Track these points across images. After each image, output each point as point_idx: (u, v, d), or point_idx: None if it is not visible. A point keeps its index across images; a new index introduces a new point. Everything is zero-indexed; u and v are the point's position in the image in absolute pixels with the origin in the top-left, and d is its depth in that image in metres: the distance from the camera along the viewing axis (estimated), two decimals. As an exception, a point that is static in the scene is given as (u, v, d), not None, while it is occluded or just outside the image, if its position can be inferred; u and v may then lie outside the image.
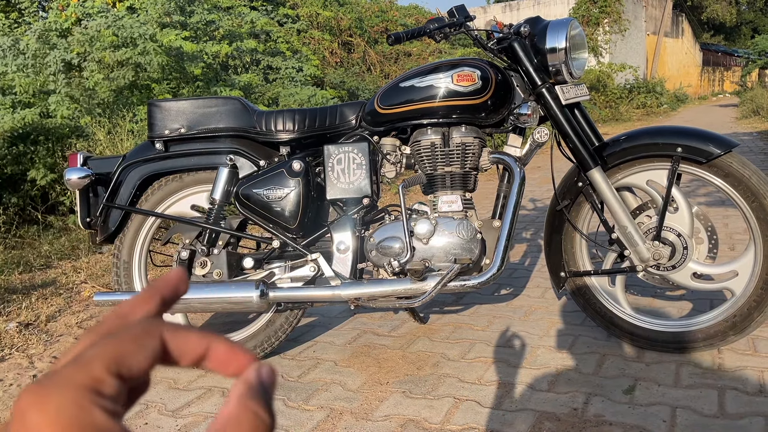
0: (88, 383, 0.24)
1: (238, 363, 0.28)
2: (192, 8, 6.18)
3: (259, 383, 0.27)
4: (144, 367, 0.26)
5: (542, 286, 2.86)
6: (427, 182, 2.09)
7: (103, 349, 0.25)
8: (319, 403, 1.88)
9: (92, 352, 0.25)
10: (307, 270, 2.09)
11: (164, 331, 0.27)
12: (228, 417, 0.25)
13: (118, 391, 0.25)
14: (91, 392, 0.24)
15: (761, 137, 8.97)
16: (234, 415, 0.25)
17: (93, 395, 0.24)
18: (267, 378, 0.27)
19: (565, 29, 1.98)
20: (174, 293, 0.30)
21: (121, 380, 0.25)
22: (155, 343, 0.26)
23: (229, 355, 0.28)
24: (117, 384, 0.25)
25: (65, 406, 0.23)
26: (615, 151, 2.03)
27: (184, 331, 0.27)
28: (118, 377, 0.25)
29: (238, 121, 2.18)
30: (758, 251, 1.92)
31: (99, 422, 0.23)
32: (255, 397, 0.26)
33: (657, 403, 1.75)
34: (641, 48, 21.08)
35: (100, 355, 0.25)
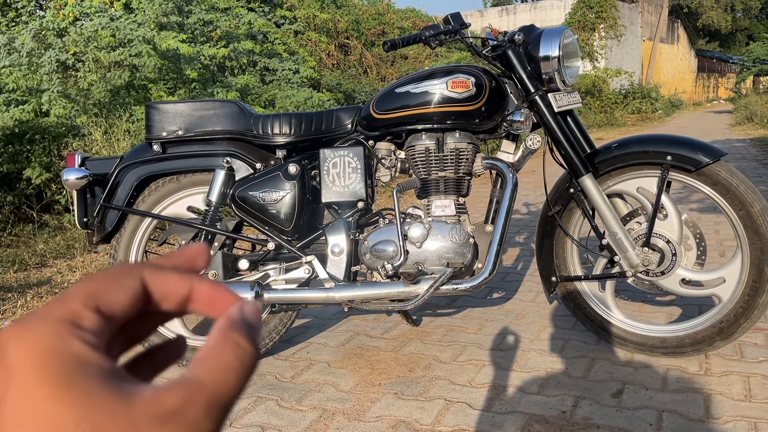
0: (67, 316, 0.24)
1: (223, 303, 0.28)
2: (189, 8, 6.20)
3: (242, 318, 0.27)
4: (123, 305, 0.26)
5: (534, 290, 2.89)
6: (421, 187, 2.11)
7: (81, 286, 0.26)
8: (312, 404, 1.91)
9: (70, 290, 0.26)
10: (301, 272, 2.11)
11: (144, 272, 0.27)
12: (209, 348, 0.25)
13: (99, 326, 0.25)
14: (69, 324, 0.24)
15: (755, 144, 9.04)
16: (215, 346, 0.25)
17: (71, 327, 0.24)
18: (250, 313, 0.27)
19: (558, 38, 2.01)
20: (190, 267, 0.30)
21: (100, 316, 0.25)
22: (134, 282, 0.27)
23: (214, 296, 0.28)
24: (96, 319, 0.25)
25: (44, 337, 0.23)
26: (606, 158, 2.07)
27: (165, 272, 0.27)
28: (97, 313, 0.25)
29: (235, 124, 2.20)
30: (745, 259, 1.95)
31: (77, 351, 0.23)
32: (237, 329, 0.26)
33: (644, 406, 1.78)
34: (637, 53, 21.19)
35: (78, 292, 0.25)
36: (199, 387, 0.24)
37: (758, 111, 13.04)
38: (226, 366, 0.24)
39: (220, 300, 0.28)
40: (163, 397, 0.23)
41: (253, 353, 0.25)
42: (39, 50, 5.33)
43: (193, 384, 0.24)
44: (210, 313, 0.28)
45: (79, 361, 0.23)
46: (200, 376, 0.24)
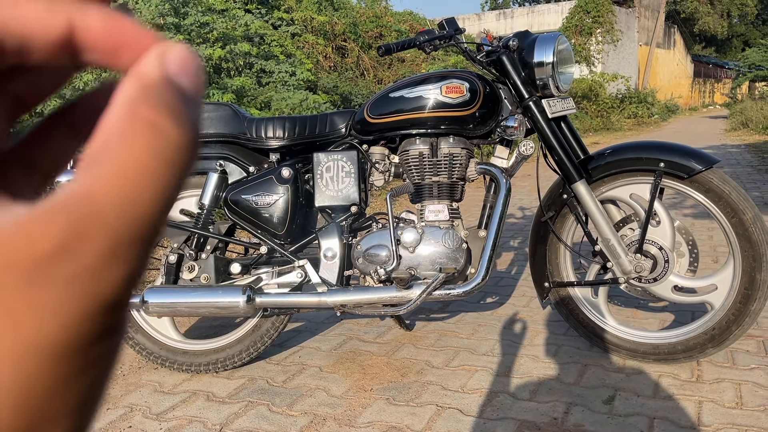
0: None
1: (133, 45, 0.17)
2: (186, 10, 6.19)
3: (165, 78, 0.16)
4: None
5: (527, 296, 2.89)
6: (415, 191, 2.11)
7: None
8: (303, 409, 1.90)
9: None
10: (294, 276, 2.11)
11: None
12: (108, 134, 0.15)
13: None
14: None
15: (749, 150, 9.07)
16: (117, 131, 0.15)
17: None
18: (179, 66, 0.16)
19: (553, 44, 2.01)
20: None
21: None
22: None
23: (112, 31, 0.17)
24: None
25: None
26: (599, 164, 2.07)
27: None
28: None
29: (229, 127, 2.20)
30: (737, 266, 1.96)
31: None
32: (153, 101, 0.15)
33: (636, 413, 1.78)
34: (633, 58, 21.26)
35: None
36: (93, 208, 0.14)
37: (753, 117, 13.08)
38: (136, 166, 0.15)
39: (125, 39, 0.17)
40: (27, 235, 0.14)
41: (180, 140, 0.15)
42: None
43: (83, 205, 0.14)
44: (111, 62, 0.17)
45: None
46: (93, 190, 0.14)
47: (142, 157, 0.15)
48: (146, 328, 2.23)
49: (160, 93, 0.16)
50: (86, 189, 0.14)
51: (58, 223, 0.14)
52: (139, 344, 2.23)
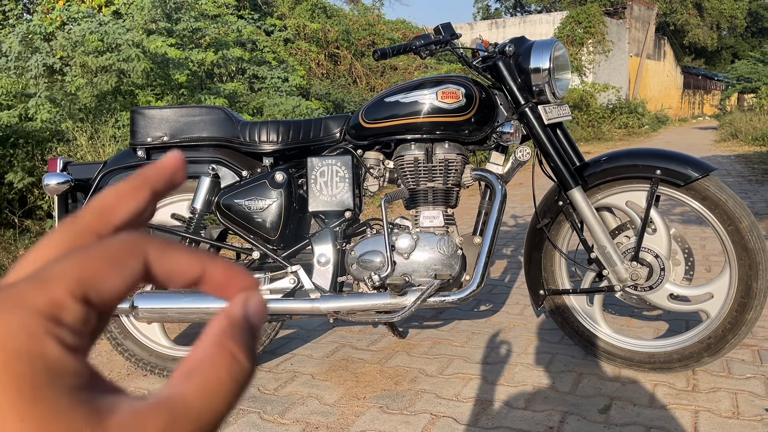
0: (46, 308, 0.19)
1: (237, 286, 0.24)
2: (178, 15, 6.17)
3: (245, 320, 0.22)
4: (119, 293, 0.21)
5: (521, 303, 2.87)
6: (410, 197, 2.09)
7: (70, 266, 0.20)
8: (295, 417, 1.87)
9: (56, 268, 0.20)
10: (287, 282, 2.08)
11: (149, 251, 0.22)
12: (201, 357, 0.21)
13: (82, 321, 0.20)
14: (47, 319, 0.19)
15: (739, 160, 9.13)
16: (208, 356, 0.21)
17: (49, 323, 0.19)
18: (255, 313, 0.23)
19: (549, 50, 2.00)
20: (169, 183, 0.25)
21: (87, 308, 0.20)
22: (137, 264, 0.22)
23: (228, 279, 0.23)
24: (81, 311, 0.20)
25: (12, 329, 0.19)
26: (595, 171, 2.06)
27: (174, 252, 0.23)
28: (85, 303, 0.20)
29: (222, 130, 2.17)
30: (733, 274, 1.95)
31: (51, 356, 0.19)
32: (236, 337, 0.21)
33: (632, 423, 1.76)
34: (624, 69, 21.40)
35: (65, 274, 0.20)
36: (185, 409, 0.20)
37: (742, 128, 13.19)
38: (218, 384, 0.20)
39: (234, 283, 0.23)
40: (142, 420, 0.19)
41: (249, 370, 0.21)
42: (26, 54, 5.27)
43: (179, 405, 0.20)
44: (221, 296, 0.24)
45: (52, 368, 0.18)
46: (187, 396, 0.20)
47: (224, 378, 0.20)
48: (135, 334, 2.20)
49: (241, 331, 0.22)
50: (182, 393, 0.20)
51: (163, 417, 0.19)
52: (128, 351, 2.19)
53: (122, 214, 0.24)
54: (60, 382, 0.19)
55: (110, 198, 0.24)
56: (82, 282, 0.20)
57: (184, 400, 0.20)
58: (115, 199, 0.24)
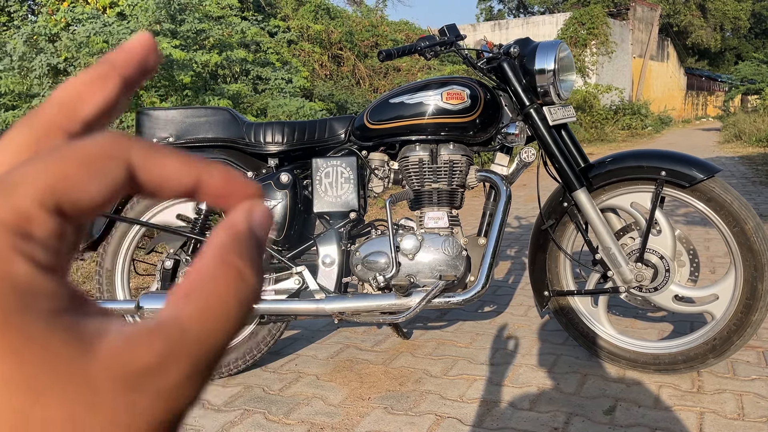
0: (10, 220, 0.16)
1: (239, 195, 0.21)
2: (182, 17, 6.18)
3: (250, 232, 0.20)
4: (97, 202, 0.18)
5: (525, 305, 2.87)
6: (414, 198, 2.10)
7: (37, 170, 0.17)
8: (300, 418, 1.87)
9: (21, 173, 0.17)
10: (291, 283, 2.08)
11: (133, 154, 0.19)
12: (202, 275, 0.18)
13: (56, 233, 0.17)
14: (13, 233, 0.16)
15: (743, 162, 9.11)
16: (209, 274, 0.18)
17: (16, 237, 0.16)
18: (260, 224, 0.20)
19: (554, 51, 2.01)
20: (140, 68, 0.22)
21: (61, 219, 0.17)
22: (118, 169, 0.18)
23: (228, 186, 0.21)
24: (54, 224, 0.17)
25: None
26: (600, 172, 2.06)
27: (163, 156, 0.20)
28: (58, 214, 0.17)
29: (227, 131, 2.18)
30: (738, 276, 1.94)
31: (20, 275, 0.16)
32: (241, 252, 0.19)
33: (637, 424, 1.76)
34: (627, 70, 21.38)
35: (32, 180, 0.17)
36: (184, 336, 0.17)
37: (746, 129, 13.16)
38: (222, 305, 0.18)
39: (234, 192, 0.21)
40: (134, 349, 0.16)
41: (256, 287, 0.19)
42: (30, 55, 5.28)
43: (177, 331, 0.17)
44: (221, 206, 0.21)
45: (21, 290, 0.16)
46: (186, 320, 0.17)
47: (228, 298, 0.18)
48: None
49: (246, 245, 0.19)
50: (180, 317, 0.17)
51: (157, 343, 0.17)
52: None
53: (90, 106, 0.20)
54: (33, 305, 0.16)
55: (74, 88, 0.21)
56: (53, 189, 0.17)
57: (182, 323, 0.17)
58: (80, 90, 0.21)
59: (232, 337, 0.18)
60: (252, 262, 0.19)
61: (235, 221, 0.20)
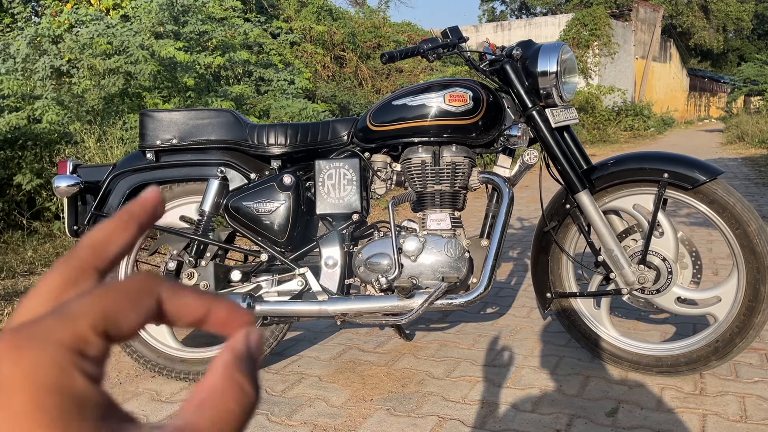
0: (72, 342, 0.21)
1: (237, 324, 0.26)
2: (185, 19, 6.19)
3: (247, 352, 0.24)
4: (134, 328, 0.23)
5: (528, 306, 2.87)
6: (417, 200, 2.10)
7: (92, 302, 0.22)
8: (303, 419, 1.87)
9: (79, 305, 0.22)
10: (294, 284, 2.09)
11: (162, 291, 0.24)
12: (211, 389, 0.23)
13: (103, 353, 0.22)
14: (73, 352, 0.21)
15: (745, 163, 9.10)
16: (218, 388, 0.23)
17: (75, 356, 0.21)
18: (255, 346, 0.25)
19: (557, 53, 2.01)
20: (151, 217, 0.27)
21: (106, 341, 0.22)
22: (151, 302, 0.24)
23: (230, 317, 0.26)
24: (102, 345, 0.22)
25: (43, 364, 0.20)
26: (603, 174, 2.06)
27: (184, 293, 0.25)
28: (105, 337, 0.22)
29: (230, 133, 2.18)
30: (741, 278, 1.94)
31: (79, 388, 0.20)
32: (241, 369, 0.23)
33: (639, 426, 1.76)
34: (630, 71, 21.36)
35: (89, 310, 0.22)
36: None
37: (749, 130, 13.14)
38: (228, 414, 0.22)
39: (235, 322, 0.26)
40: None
41: (255, 399, 0.23)
42: (33, 56, 5.30)
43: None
44: (223, 332, 0.26)
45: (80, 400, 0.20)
46: (201, 425, 0.21)
47: (233, 408, 0.22)
48: (143, 335, 2.21)
49: (245, 363, 0.24)
50: (197, 424, 0.21)
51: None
52: (136, 352, 2.20)
53: (115, 248, 0.26)
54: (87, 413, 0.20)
55: (103, 234, 0.26)
56: (104, 318, 0.22)
57: (199, 429, 0.21)
58: (107, 235, 0.26)
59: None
60: (250, 377, 0.23)
61: (236, 344, 0.24)
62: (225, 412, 0.22)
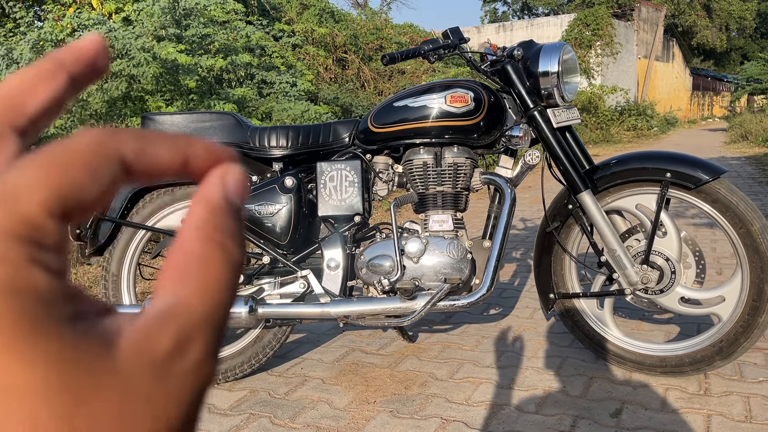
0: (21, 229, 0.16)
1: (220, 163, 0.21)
2: (188, 22, 6.20)
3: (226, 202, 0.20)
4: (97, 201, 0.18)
5: (531, 307, 2.87)
6: (419, 201, 2.10)
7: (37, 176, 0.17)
8: (306, 421, 1.87)
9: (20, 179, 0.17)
10: (296, 286, 2.08)
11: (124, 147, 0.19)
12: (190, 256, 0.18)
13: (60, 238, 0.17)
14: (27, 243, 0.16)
15: (749, 162, 9.07)
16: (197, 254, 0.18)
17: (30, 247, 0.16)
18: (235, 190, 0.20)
19: (558, 53, 2.00)
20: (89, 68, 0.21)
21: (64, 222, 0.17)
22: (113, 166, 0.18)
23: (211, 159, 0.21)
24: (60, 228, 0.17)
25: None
26: (605, 174, 2.05)
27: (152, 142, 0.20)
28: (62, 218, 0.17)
29: (232, 136, 2.18)
30: (745, 277, 1.94)
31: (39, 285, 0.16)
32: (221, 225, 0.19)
33: (643, 427, 1.75)
34: (632, 71, 21.33)
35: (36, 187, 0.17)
36: (191, 316, 0.18)
37: (753, 129, 13.09)
38: (215, 282, 0.18)
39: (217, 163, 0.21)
40: (151, 338, 0.17)
41: (240, 256, 0.19)
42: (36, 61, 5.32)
43: (184, 313, 0.18)
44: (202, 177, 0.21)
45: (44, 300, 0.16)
46: (189, 301, 0.18)
47: (220, 274, 0.19)
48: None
49: (225, 217, 0.19)
50: (185, 300, 0.18)
51: (171, 328, 0.17)
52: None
53: (37, 102, 0.20)
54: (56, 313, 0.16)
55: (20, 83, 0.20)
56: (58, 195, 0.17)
57: (187, 306, 0.18)
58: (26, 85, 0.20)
59: (230, 306, 0.19)
60: (232, 233, 0.19)
61: (210, 192, 0.20)
62: (211, 279, 0.18)
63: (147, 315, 0.18)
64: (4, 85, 0.20)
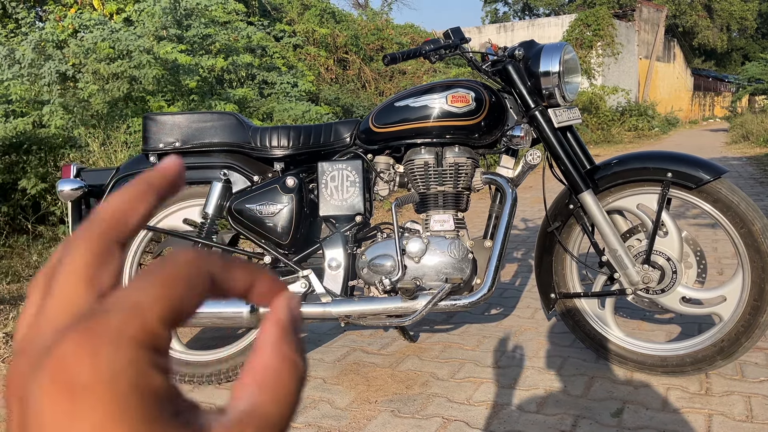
0: (144, 338, 0.20)
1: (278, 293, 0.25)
2: (189, 22, 6.21)
3: (292, 322, 0.24)
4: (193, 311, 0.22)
5: (532, 307, 2.87)
6: (420, 201, 2.10)
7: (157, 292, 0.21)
8: (307, 421, 1.87)
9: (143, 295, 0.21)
10: (298, 286, 2.09)
11: (212, 267, 0.23)
12: (266, 368, 0.22)
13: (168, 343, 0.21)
14: (146, 349, 0.20)
15: (750, 162, 9.07)
16: (272, 366, 0.22)
17: (149, 352, 0.20)
18: (297, 314, 0.24)
19: (559, 53, 2.01)
20: (170, 187, 0.25)
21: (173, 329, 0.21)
22: (206, 282, 0.22)
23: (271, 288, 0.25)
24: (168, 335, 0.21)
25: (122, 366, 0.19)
26: (606, 174, 2.06)
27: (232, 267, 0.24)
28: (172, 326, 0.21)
29: (233, 136, 2.19)
30: (746, 277, 1.94)
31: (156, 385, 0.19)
32: (290, 342, 0.23)
33: (645, 426, 1.75)
34: (633, 71, 21.32)
35: (155, 301, 0.20)
36: (267, 420, 0.21)
37: (754, 130, 13.09)
38: (287, 390, 0.22)
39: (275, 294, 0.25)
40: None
41: (305, 369, 0.23)
42: (38, 61, 5.32)
43: (260, 415, 0.21)
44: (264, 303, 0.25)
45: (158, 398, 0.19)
46: (265, 406, 0.21)
47: (290, 385, 0.22)
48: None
49: (292, 335, 0.23)
50: (261, 407, 0.21)
51: (252, 429, 0.21)
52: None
53: (135, 219, 0.24)
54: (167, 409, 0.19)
55: (122, 204, 0.24)
56: (171, 308, 0.21)
57: (264, 410, 0.21)
58: (126, 205, 0.24)
59: (296, 409, 0.23)
60: (299, 348, 0.23)
61: (279, 316, 0.24)
62: (284, 389, 0.22)
63: (230, 415, 0.21)
64: (110, 206, 0.24)
